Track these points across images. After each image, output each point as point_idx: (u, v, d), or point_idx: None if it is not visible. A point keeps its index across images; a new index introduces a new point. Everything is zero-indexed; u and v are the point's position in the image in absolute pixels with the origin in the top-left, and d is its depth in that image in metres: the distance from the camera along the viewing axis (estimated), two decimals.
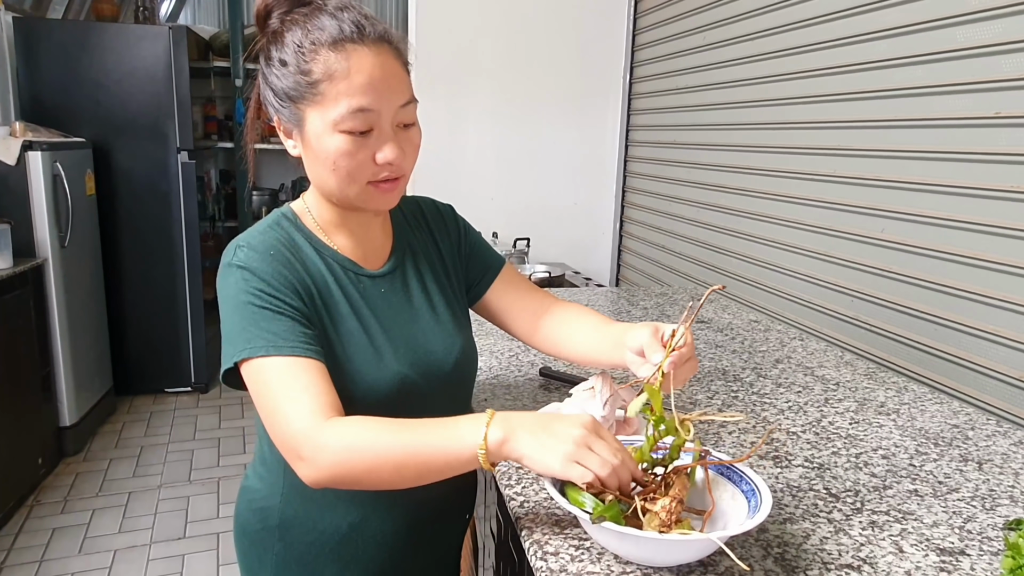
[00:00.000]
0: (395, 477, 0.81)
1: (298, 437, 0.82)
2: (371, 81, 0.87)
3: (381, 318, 0.98)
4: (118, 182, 3.74)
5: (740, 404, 1.34)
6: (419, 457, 0.80)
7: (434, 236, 1.12)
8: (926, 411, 1.36)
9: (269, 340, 0.85)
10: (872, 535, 0.90)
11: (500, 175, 3.43)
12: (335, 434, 0.80)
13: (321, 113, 0.87)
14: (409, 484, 0.83)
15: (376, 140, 0.89)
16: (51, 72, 3.55)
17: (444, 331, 1.04)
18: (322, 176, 0.92)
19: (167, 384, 4.04)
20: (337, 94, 0.86)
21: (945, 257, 1.67)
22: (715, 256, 2.72)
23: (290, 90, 0.88)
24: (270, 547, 1.02)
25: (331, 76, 0.86)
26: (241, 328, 0.87)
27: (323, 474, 0.81)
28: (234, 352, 0.86)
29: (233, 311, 0.88)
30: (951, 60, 1.65)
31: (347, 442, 0.80)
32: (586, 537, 0.86)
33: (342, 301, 0.96)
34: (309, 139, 0.90)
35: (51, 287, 3.10)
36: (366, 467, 0.80)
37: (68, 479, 3.08)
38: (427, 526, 1.08)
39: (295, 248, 0.95)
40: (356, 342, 0.94)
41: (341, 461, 0.80)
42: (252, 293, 0.87)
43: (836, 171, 2.02)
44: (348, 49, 0.86)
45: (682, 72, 2.96)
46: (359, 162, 0.89)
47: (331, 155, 0.88)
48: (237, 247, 0.92)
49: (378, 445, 0.80)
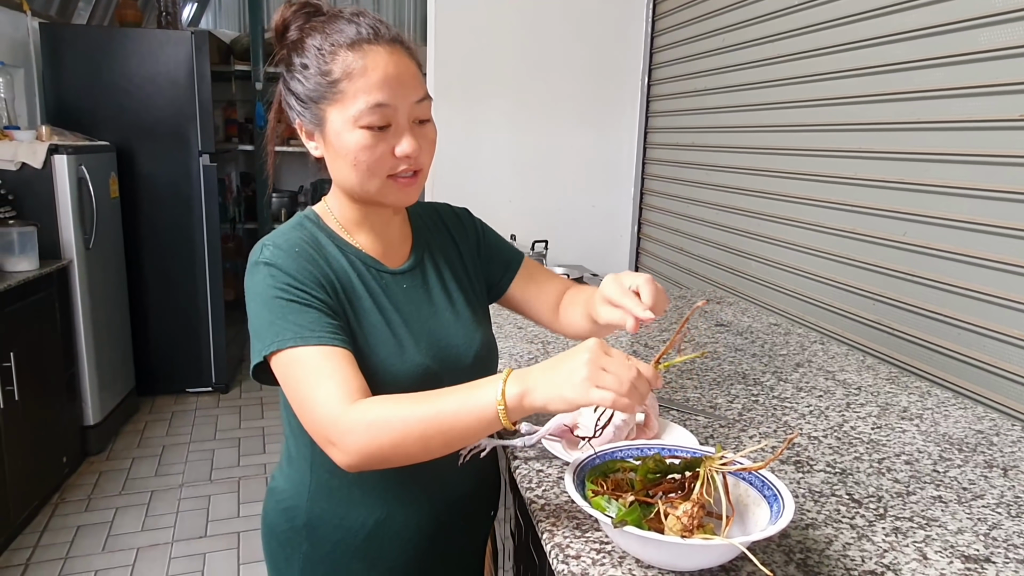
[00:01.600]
0: (422, 447, 0.82)
1: (326, 422, 0.83)
2: (387, 77, 0.91)
3: (403, 312, 1.00)
4: (141, 185, 3.79)
5: (761, 408, 1.34)
6: (443, 423, 0.81)
7: (453, 237, 1.15)
8: (950, 416, 1.35)
9: (296, 331, 0.87)
10: (896, 541, 0.90)
11: (518, 177, 3.43)
12: (359, 414, 0.82)
13: (341, 111, 0.91)
14: (438, 453, 0.84)
15: (394, 134, 0.93)
16: (76, 76, 3.61)
17: (464, 326, 1.06)
18: (343, 172, 0.95)
19: (188, 384, 4.08)
20: (356, 91, 0.90)
21: (968, 260, 1.66)
22: (734, 259, 2.71)
23: (311, 92, 0.93)
24: (298, 547, 1.04)
25: (349, 74, 0.90)
26: (269, 322, 0.89)
27: (353, 456, 0.82)
28: (264, 346, 0.89)
29: (261, 307, 0.90)
30: (973, 62, 1.63)
31: (370, 419, 0.81)
32: (607, 540, 0.87)
33: (365, 296, 0.98)
34: (330, 137, 0.93)
35: (76, 288, 3.14)
36: (393, 441, 0.81)
37: (92, 478, 3.13)
38: (452, 524, 1.09)
39: (318, 246, 0.98)
40: (379, 335, 0.97)
41: (369, 439, 0.81)
42: (279, 287, 0.90)
43: (857, 173, 2.01)
44: (365, 48, 0.91)
45: (701, 74, 2.96)
46: (379, 156, 0.92)
47: (352, 150, 0.92)
48: (264, 246, 0.95)
49: (402, 417, 0.81)
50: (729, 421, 1.27)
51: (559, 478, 1.03)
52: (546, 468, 1.06)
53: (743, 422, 1.27)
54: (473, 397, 0.81)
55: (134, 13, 3.95)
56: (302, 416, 0.87)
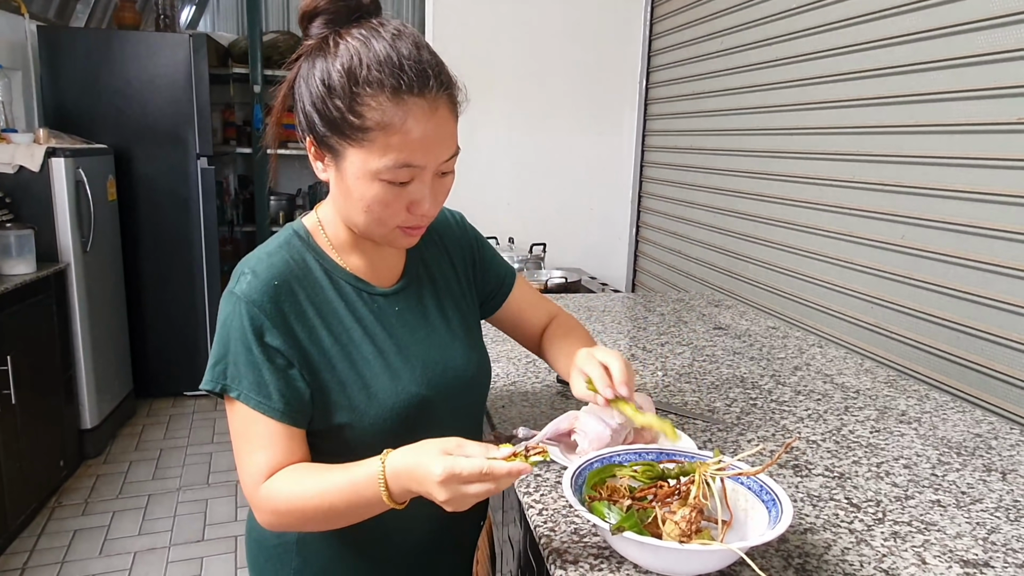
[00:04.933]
0: (325, 525, 0.89)
1: (247, 489, 0.88)
2: (424, 139, 0.83)
3: (396, 338, 0.96)
4: (139, 188, 3.79)
5: (759, 412, 1.34)
6: (336, 510, 0.84)
7: (447, 248, 1.10)
8: (948, 420, 1.35)
9: (243, 387, 0.86)
10: (894, 546, 0.90)
11: (516, 180, 3.43)
12: (268, 494, 0.86)
13: (364, 158, 0.83)
14: (341, 527, 0.89)
15: (414, 190, 0.86)
16: (74, 79, 3.60)
17: (460, 346, 1.03)
18: (350, 209, 0.89)
19: (186, 387, 4.07)
20: (387, 146, 0.82)
21: (966, 263, 1.66)
22: (732, 262, 2.71)
23: (334, 120, 0.83)
24: (287, 562, 1.01)
25: (384, 127, 0.81)
26: (231, 359, 0.86)
27: (268, 526, 0.90)
28: (218, 380, 0.87)
29: (222, 339, 0.87)
30: (972, 66, 1.63)
31: (275, 504, 0.86)
32: (605, 545, 0.86)
33: (355, 327, 0.93)
34: (345, 176, 0.86)
35: (73, 291, 3.13)
36: (299, 522, 0.87)
37: (89, 481, 3.12)
38: (446, 533, 1.07)
39: (305, 272, 0.92)
40: (371, 367, 0.92)
41: (275, 520, 0.87)
42: (245, 329, 0.86)
43: (855, 176, 2.01)
44: (408, 102, 0.81)
45: (699, 77, 2.96)
46: (393, 210, 0.87)
47: (366, 199, 0.85)
48: (242, 273, 0.89)
49: (301, 501, 0.85)
50: (727, 425, 1.27)
51: (557, 483, 1.03)
52: (544, 472, 1.06)
53: (741, 426, 1.27)
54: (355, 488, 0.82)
55: (132, 16, 3.95)
56: (237, 463, 0.91)
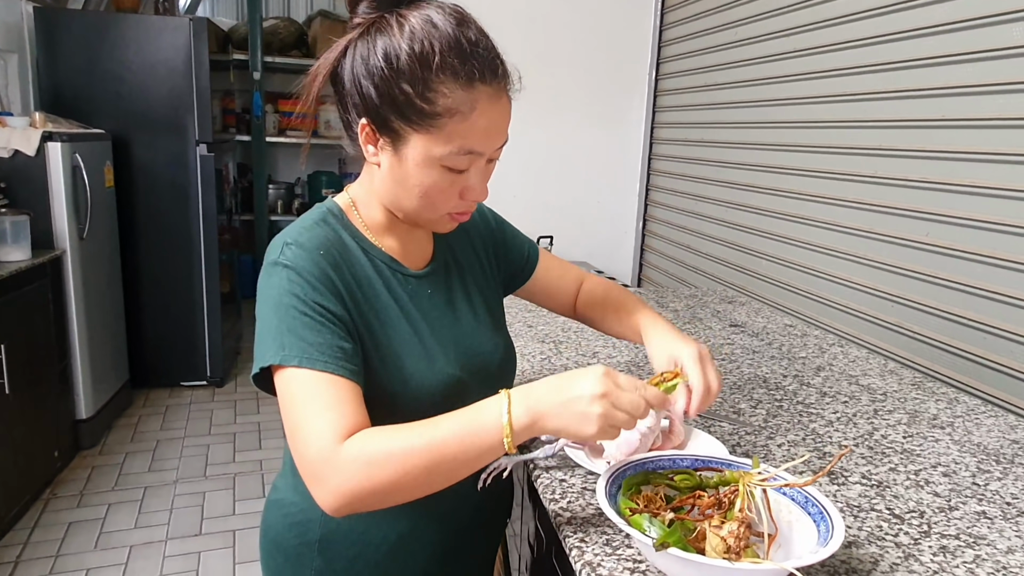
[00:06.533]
0: (424, 481, 0.77)
1: (317, 458, 0.76)
2: (490, 127, 0.85)
3: (430, 319, 0.96)
4: (137, 174, 3.71)
5: (786, 414, 1.29)
6: (446, 456, 0.76)
7: (468, 234, 1.10)
8: (981, 425, 1.30)
9: (304, 350, 0.80)
10: (945, 562, 0.85)
11: (523, 173, 3.37)
12: (356, 451, 0.75)
13: (428, 144, 0.83)
14: (439, 487, 0.79)
15: (470, 176, 0.87)
16: (71, 63, 3.52)
17: (486, 331, 1.03)
18: (400, 196, 0.89)
19: (183, 377, 4.01)
20: (453, 133, 0.83)
21: (994, 262, 1.61)
22: (744, 257, 2.66)
23: (400, 104, 0.82)
24: (308, 563, 0.97)
25: (453, 113, 0.82)
26: (278, 332, 0.82)
27: (342, 498, 0.76)
28: (267, 356, 0.82)
29: (272, 311, 0.83)
30: (1002, 59, 1.58)
31: (368, 455, 0.75)
32: (641, 559, 0.81)
33: (392, 305, 0.92)
34: (405, 160, 0.86)
35: (69, 279, 3.07)
36: (391, 478, 0.75)
37: (84, 472, 3.06)
38: (471, 532, 1.04)
39: (343, 248, 0.91)
40: (408, 346, 0.91)
41: (363, 478, 0.75)
42: (296, 296, 0.83)
43: (876, 172, 1.96)
44: (478, 90, 0.83)
45: (711, 69, 2.90)
46: (448, 196, 0.88)
47: (424, 185, 0.86)
48: (285, 244, 0.87)
49: (403, 451, 0.75)
50: (755, 428, 1.22)
51: (583, 488, 0.98)
52: (569, 478, 1.01)
53: (769, 429, 1.22)
54: (476, 425, 0.76)
55: None
56: (292, 443, 0.80)
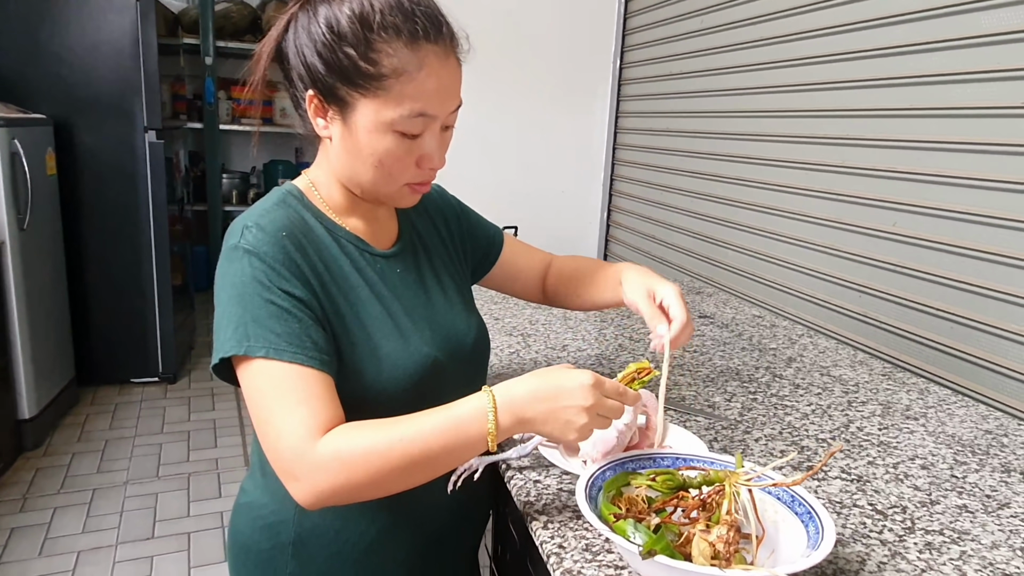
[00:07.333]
0: (402, 480, 0.75)
1: (291, 455, 0.73)
2: (439, 87, 0.82)
3: (402, 299, 0.92)
4: (81, 161, 3.55)
5: (761, 407, 1.26)
6: (427, 455, 0.74)
7: (432, 219, 1.09)
8: (954, 415, 1.29)
9: (271, 341, 0.76)
10: (931, 559, 0.83)
11: (486, 161, 3.31)
12: (332, 447, 0.73)
13: (377, 108, 0.80)
14: (417, 484, 0.77)
15: (424, 143, 0.84)
16: (9, 43, 3.34)
17: (459, 310, 1.01)
18: (356, 167, 0.86)
19: (133, 374, 3.86)
20: (402, 95, 0.80)
21: (962, 252, 1.61)
22: (711, 248, 2.65)
23: (344, 70, 0.80)
24: (282, 567, 0.91)
25: (400, 74, 0.79)
26: (241, 321, 0.77)
27: (319, 495, 0.74)
28: (229, 345, 0.76)
29: (235, 299, 0.78)
30: (973, 47, 1.58)
31: (345, 453, 0.73)
32: (623, 564, 0.77)
33: (361, 285, 0.88)
34: (354, 129, 0.83)
35: (8, 272, 2.92)
36: (369, 475, 0.73)
37: (27, 475, 2.92)
38: (451, 527, 1.00)
39: (306, 229, 0.87)
40: (382, 327, 0.87)
41: (342, 475, 0.72)
42: (259, 283, 0.78)
43: (844, 161, 1.95)
44: (423, 49, 0.80)
45: (676, 57, 2.87)
46: (404, 164, 0.85)
47: (378, 153, 0.83)
48: (245, 227, 0.82)
49: (380, 451, 0.73)
50: (731, 422, 1.19)
51: (559, 489, 0.93)
52: (543, 478, 0.96)
53: (745, 423, 1.19)
54: (458, 425, 0.74)
55: None
56: (262, 439, 0.76)
